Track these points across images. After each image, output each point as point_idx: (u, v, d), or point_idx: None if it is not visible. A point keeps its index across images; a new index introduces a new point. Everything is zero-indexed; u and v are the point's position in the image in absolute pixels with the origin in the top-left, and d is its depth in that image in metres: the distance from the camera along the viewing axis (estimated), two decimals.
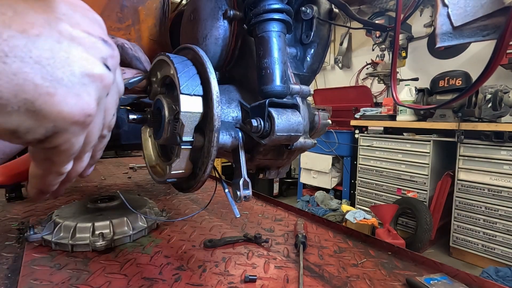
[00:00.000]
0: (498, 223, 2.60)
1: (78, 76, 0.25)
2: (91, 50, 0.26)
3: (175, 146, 0.49)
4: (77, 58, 0.25)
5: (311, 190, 4.46)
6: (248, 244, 0.78)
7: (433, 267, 0.70)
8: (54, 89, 0.23)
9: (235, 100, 0.53)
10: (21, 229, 0.83)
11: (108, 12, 0.73)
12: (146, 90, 0.56)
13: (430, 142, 3.00)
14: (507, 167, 2.51)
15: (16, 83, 0.21)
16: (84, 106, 0.25)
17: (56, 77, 0.23)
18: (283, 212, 1.06)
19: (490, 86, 2.64)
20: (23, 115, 0.23)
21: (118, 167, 1.86)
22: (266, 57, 0.48)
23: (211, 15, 0.55)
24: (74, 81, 0.24)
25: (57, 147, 0.27)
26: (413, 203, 3.04)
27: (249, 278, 0.60)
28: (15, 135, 0.24)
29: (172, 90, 0.53)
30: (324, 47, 0.63)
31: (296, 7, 0.59)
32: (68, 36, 0.25)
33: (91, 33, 0.27)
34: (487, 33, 0.38)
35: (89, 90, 0.26)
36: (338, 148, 3.92)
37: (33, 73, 0.22)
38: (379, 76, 4.06)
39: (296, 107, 0.48)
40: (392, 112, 3.46)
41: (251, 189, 0.49)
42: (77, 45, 0.25)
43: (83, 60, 0.25)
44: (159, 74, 0.53)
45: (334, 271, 0.67)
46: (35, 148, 0.28)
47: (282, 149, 0.55)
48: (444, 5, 0.39)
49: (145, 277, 0.60)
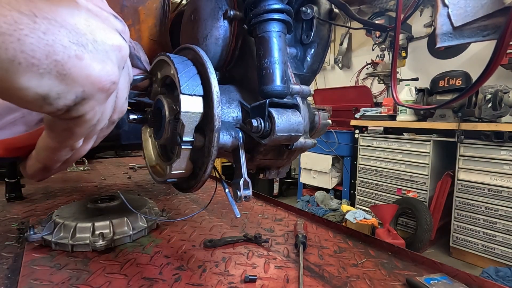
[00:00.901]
0: (498, 223, 2.60)
1: (100, 44, 0.25)
2: (107, 21, 0.27)
3: (175, 146, 0.49)
4: (96, 27, 0.26)
5: (311, 190, 4.46)
6: (248, 244, 0.78)
7: (433, 267, 0.70)
8: (82, 53, 0.24)
9: (236, 100, 0.53)
10: (21, 229, 0.83)
11: None
12: (146, 89, 0.56)
13: (430, 142, 3.00)
14: (507, 167, 2.51)
15: (46, 43, 0.22)
16: (110, 72, 0.26)
17: (82, 42, 0.24)
18: (283, 212, 1.06)
19: (490, 86, 2.64)
20: (54, 78, 0.23)
21: (118, 167, 1.86)
22: (266, 57, 0.48)
23: (211, 15, 0.55)
24: (98, 48, 0.25)
25: (82, 116, 0.27)
26: (413, 203, 3.04)
27: (249, 278, 0.60)
28: (46, 101, 0.24)
29: (172, 90, 0.53)
30: (324, 47, 0.63)
31: (296, 7, 0.59)
32: (85, 7, 0.26)
33: (103, 8, 0.28)
34: (487, 33, 0.38)
35: (111, 57, 0.27)
36: (338, 148, 3.92)
37: (61, 35, 0.23)
38: (379, 76, 4.06)
39: (297, 107, 0.48)
40: (392, 112, 3.46)
41: (251, 189, 0.49)
42: (94, 16, 0.26)
43: (101, 30, 0.26)
44: (159, 74, 0.53)
45: (334, 271, 0.67)
46: (59, 119, 0.28)
47: (282, 149, 0.55)
48: (444, 5, 0.39)
49: (145, 277, 0.60)
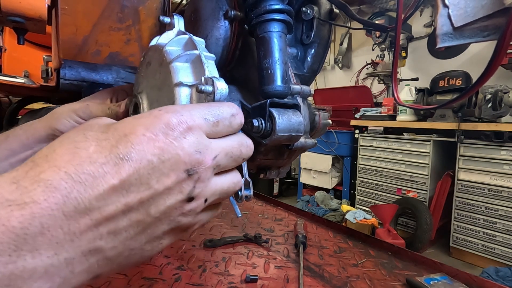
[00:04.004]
0: (498, 223, 2.60)
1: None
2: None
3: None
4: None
5: (311, 190, 4.45)
6: (248, 244, 0.78)
7: (433, 267, 0.70)
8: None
9: (236, 100, 0.53)
10: None
11: (108, 12, 0.73)
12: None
13: (430, 142, 3.00)
14: (507, 167, 2.51)
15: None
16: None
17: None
18: (283, 212, 1.06)
19: (490, 86, 2.64)
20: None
21: None
22: (267, 57, 0.48)
23: (211, 16, 0.55)
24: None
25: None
26: (413, 203, 3.04)
27: (250, 278, 0.60)
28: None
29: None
30: (325, 47, 0.63)
31: (296, 8, 0.59)
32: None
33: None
34: (487, 33, 0.38)
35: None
36: (338, 148, 3.92)
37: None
38: (379, 76, 4.05)
39: (297, 107, 0.49)
40: (392, 112, 3.46)
41: (252, 189, 0.49)
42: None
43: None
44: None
45: (334, 271, 0.67)
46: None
47: (283, 149, 0.55)
48: (445, 6, 0.39)
49: (145, 277, 0.60)
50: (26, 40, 0.83)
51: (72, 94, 0.72)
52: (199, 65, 0.37)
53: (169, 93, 0.37)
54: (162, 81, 0.39)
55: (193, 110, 0.27)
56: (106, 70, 0.75)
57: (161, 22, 0.46)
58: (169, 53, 0.39)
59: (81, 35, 0.70)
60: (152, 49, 0.43)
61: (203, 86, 0.33)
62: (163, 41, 0.42)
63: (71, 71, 0.71)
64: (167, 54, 0.38)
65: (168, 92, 0.37)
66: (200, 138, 0.26)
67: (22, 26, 0.72)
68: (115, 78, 0.76)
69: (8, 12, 0.66)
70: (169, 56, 0.38)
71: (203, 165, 0.26)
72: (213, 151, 0.27)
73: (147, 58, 0.45)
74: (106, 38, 0.73)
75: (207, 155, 0.26)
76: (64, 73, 0.70)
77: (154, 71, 0.42)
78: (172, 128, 0.25)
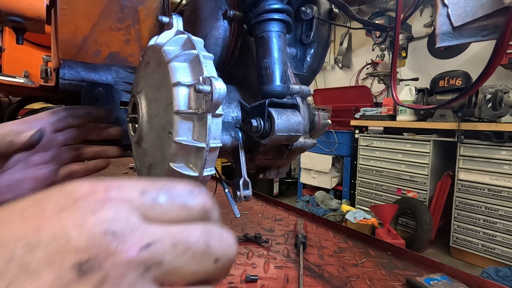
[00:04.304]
0: (498, 223, 2.60)
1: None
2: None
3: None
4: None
5: (311, 190, 4.45)
6: (248, 244, 0.78)
7: (433, 267, 0.70)
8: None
9: (235, 100, 0.53)
10: None
11: (108, 12, 0.73)
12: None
13: (430, 142, 3.00)
14: (507, 167, 2.51)
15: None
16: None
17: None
18: (283, 212, 1.06)
19: (490, 86, 2.64)
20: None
21: (118, 167, 1.86)
22: (266, 57, 0.48)
23: (211, 15, 0.55)
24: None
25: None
26: (413, 203, 3.04)
27: (250, 278, 0.60)
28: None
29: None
30: (324, 47, 0.63)
31: (296, 7, 0.59)
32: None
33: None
34: (487, 33, 0.38)
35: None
36: (338, 148, 3.92)
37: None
38: (379, 76, 4.05)
39: (296, 107, 0.49)
40: (392, 112, 3.46)
41: (251, 189, 0.49)
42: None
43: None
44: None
45: (334, 271, 0.67)
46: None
47: (282, 149, 0.55)
48: (444, 5, 0.39)
49: None
50: (25, 40, 0.83)
51: (72, 94, 0.72)
52: (198, 64, 0.37)
53: (167, 92, 0.37)
54: (160, 80, 0.39)
55: (130, 181, 0.18)
56: (106, 70, 0.75)
57: (160, 22, 0.46)
58: (168, 52, 0.39)
59: (80, 35, 0.70)
60: (150, 49, 0.43)
61: (201, 86, 0.33)
62: (162, 41, 0.42)
63: (70, 71, 0.71)
64: (165, 54, 0.38)
65: (166, 92, 0.37)
66: (123, 214, 0.16)
67: (21, 26, 0.72)
68: (114, 78, 0.76)
69: (7, 12, 0.66)
70: (167, 55, 0.38)
71: (117, 257, 0.14)
72: (146, 235, 0.16)
73: (146, 58, 0.45)
74: (105, 38, 0.73)
75: (129, 240, 0.15)
76: (63, 73, 0.70)
77: (152, 71, 0.42)
78: (75, 198, 0.16)
